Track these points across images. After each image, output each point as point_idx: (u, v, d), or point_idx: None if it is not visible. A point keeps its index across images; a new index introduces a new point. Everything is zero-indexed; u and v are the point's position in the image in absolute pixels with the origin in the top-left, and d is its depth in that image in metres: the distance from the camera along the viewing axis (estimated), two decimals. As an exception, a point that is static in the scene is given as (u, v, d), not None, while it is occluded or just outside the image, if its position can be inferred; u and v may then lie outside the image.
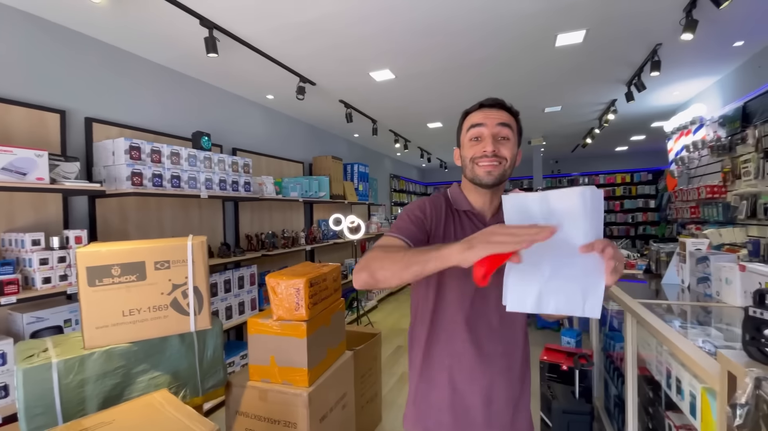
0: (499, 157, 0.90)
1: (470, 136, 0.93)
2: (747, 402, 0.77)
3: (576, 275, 0.67)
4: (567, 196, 0.66)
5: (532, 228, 0.63)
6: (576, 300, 0.68)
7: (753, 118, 3.07)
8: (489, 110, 0.93)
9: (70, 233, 2.03)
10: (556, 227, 0.64)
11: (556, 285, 0.69)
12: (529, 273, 0.71)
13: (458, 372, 0.95)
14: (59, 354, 1.24)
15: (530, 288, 0.71)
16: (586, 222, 0.65)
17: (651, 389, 1.62)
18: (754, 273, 1.43)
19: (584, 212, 0.65)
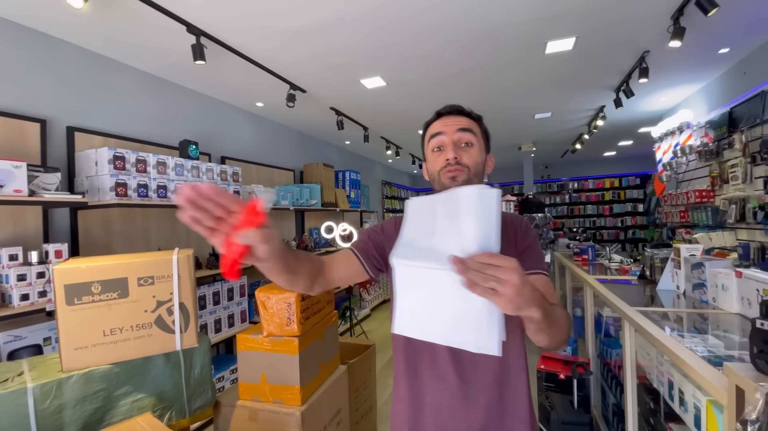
0: (461, 165, 0.84)
1: (432, 146, 0.88)
2: (758, 418, 0.74)
3: (463, 296, 0.54)
4: (452, 199, 0.59)
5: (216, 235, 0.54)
6: (466, 331, 0.58)
7: (739, 123, 3.12)
8: (447, 117, 0.89)
9: (50, 247, 1.95)
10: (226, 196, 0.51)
11: (439, 307, 0.60)
12: (413, 286, 0.63)
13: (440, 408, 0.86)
14: (35, 378, 1.16)
15: (414, 307, 0.63)
16: (470, 231, 0.56)
17: (651, 399, 1.59)
18: (750, 279, 1.42)
19: (468, 218, 0.57)
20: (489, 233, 0.56)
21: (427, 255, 0.60)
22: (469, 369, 0.84)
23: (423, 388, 0.87)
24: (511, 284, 0.51)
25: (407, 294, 0.64)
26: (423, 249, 0.61)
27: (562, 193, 9.65)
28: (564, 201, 9.61)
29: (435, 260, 0.57)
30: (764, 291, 1.34)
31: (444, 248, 0.57)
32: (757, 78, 2.95)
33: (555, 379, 2.17)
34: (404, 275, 0.64)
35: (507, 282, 0.52)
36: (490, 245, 0.56)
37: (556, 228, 9.16)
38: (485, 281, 0.52)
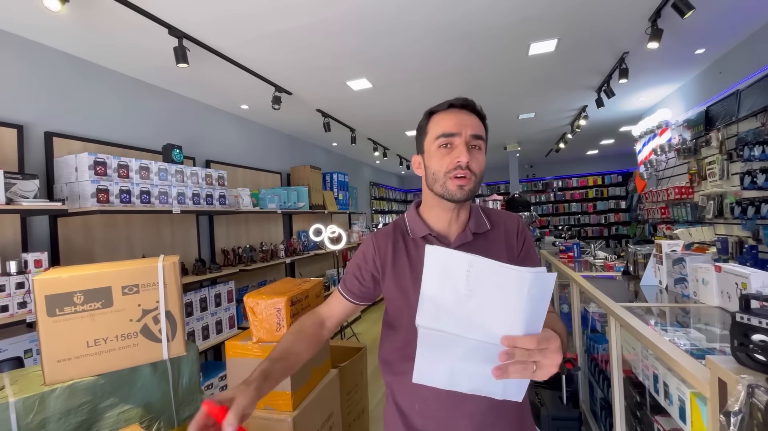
0: (471, 171, 0.79)
1: (440, 143, 0.81)
2: (740, 410, 0.77)
3: (495, 363, 0.55)
4: (500, 273, 0.54)
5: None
6: (495, 385, 0.59)
7: (716, 121, 3.21)
8: (460, 113, 0.82)
9: (29, 256, 1.89)
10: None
11: (471, 368, 0.59)
12: (438, 349, 0.59)
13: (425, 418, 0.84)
14: (17, 392, 1.13)
15: (441, 364, 0.60)
16: (518, 313, 0.54)
17: (637, 392, 1.63)
18: (729, 273, 1.47)
19: (517, 298, 0.53)
20: (538, 315, 0.55)
21: (460, 322, 0.57)
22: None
23: (412, 396, 0.85)
24: (553, 365, 0.53)
25: (431, 352, 0.60)
26: (453, 314, 0.57)
27: (547, 191, 9.80)
28: (549, 199, 9.76)
29: (470, 330, 0.56)
30: (743, 285, 1.39)
31: (481, 319, 0.55)
32: (732, 77, 3.05)
33: (544, 376, 2.19)
34: (429, 335, 0.59)
35: (550, 365, 0.53)
36: (536, 327, 0.55)
37: (541, 226, 9.30)
38: (526, 369, 0.53)
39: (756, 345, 0.81)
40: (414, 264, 0.86)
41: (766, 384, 0.76)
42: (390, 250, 0.89)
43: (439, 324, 0.57)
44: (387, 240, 0.90)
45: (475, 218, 0.89)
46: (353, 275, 0.93)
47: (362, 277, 0.92)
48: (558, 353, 0.54)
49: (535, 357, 0.53)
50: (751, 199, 2.75)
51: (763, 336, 0.80)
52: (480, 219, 0.90)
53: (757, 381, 0.76)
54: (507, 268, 0.54)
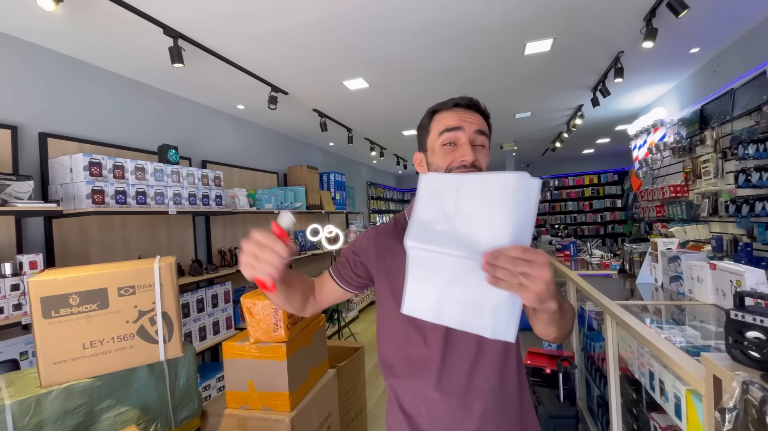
0: (477, 167, 0.78)
1: (443, 140, 0.80)
2: (735, 406, 0.77)
3: (484, 283, 0.53)
4: (485, 182, 0.54)
5: (265, 266, 0.65)
6: (483, 317, 0.57)
7: (710, 120, 3.24)
8: (465, 112, 0.81)
9: (23, 258, 1.88)
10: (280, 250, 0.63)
11: (458, 293, 0.57)
12: (427, 273, 0.58)
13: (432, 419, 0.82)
14: (13, 395, 1.12)
15: (429, 292, 0.59)
16: (503, 221, 0.52)
17: (633, 390, 1.64)
18: (724, 271, 1.48)
19: (502, 206, 0.52)
20: (524, 225, 0.53)
21: (448, 240, 0.55)
22: (465, 377, 0.80)
23: (417, 398, 0.83)
24: (542, 280, 0.51)
25: (420, 277, 0.59)
26: (442, 232, 0.57)
27: (543, 190, 9.83)
28: (545, 198, 9.79)
29: (457, 246, 0.54)
30: (737, 283, 1.40)
31: (470, 235, 0.54)
32: (726, 76, 3.07)
33: (541, 374, 2.21)
34: (418, 258, 0.59)
35: (538, 279, 0.50)
36: (523, 238, 0.53)
37: (538, 225, 9.33)
38: (513, 278, 0.51)
39: (750, 342, 0.81)
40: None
41: (761, 380, 0.76)
42: (389, 245, 0.88)
43: (428, 244, 0.56)
44: (387, 235, 0.90)
45: None
46: (346, 260, 0.93)
47: (354, 263, 0.91)
48: (546, 268, 0.51)
49: (521, 268, 0.50)
50: (746, 197, 2.76)
51: (757, 334, 0.81)
52: None
53: (752, 378, 0.76)
54: (491, 175, 0.53)
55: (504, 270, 0.51)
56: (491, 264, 0.51)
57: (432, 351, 0.81)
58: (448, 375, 0.81)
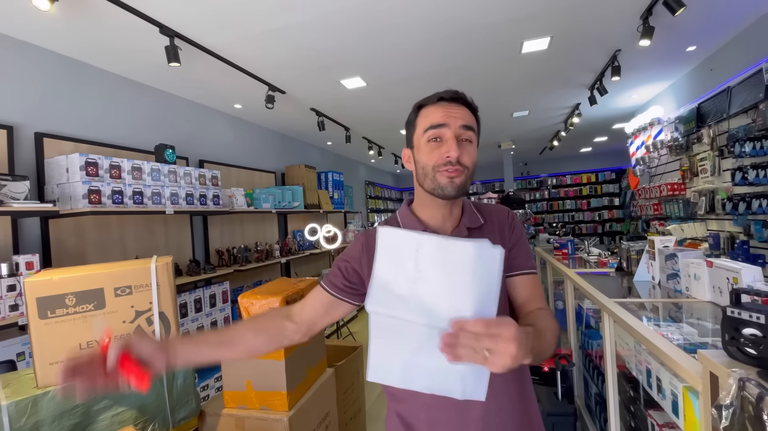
0: (462, 165, 0.77)
1: (429, 136, 0.78)
2: (732, 403, 0.77)
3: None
4: (446, 249, 0.52)
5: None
6: (453, 382, 0.55)
7: (707, 118, 3.24)
8: (450, 106, 0.79)
9: (20, 258, 1.87)
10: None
11: (425, 361, 0.55)
12: (391, 338, 0.56)
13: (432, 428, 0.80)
14: (9, 395, 1.12)
15: (394, 357, 0.57)
16: (466, 292, 0.51)
17: (631, 387, 1.64)
18: (721, 268, 1.48)
19: (463, 275, 0.51)
20: (488, 294, 0.51)
21: (410, 305, 0.54)
22: None
23: (415, 405, 0.82)
24: (507, 354, 0.49)
25: (383, 343, 0.57)
26: (403, 297, 0.55)
27: (541, 189, 9.85)
28: (543, 197, 9.81)
29: (420, 313, 0.52)
30: (734, 280, 1.40)
31: (431, 302, 0.52)
32: (723, 74, 3.08)
33: (539, 372, 2.21)
34: (380, 323, 0.56)
35: (503, 353, 0.49)
36: (487, 310, 0.51)
37: (536, 223, 9.34)
38: (476, 354, 0.49)
39: (747, 338, 0.81)
40: None
41: (757, 377, 0.76)
42: None
43: (389, 310, 0.54)
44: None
45: (468, 214, 0.87)
46: (338, 269, 0.88)
47: (347, 272, 0.86)
48: (512, 342, 0.49)
49: (485, 343, 0.48)
50: (742, 194, 2.78)
51: (753, 330, 0.81)
52: (473, 215, 0.88)
53: (748, 375, 0.76)
54: (451, 242, 0.51)
55: (465, 348, 0.49)
56: (451, 344, 0.49)
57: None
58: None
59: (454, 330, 0.50)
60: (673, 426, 1.31)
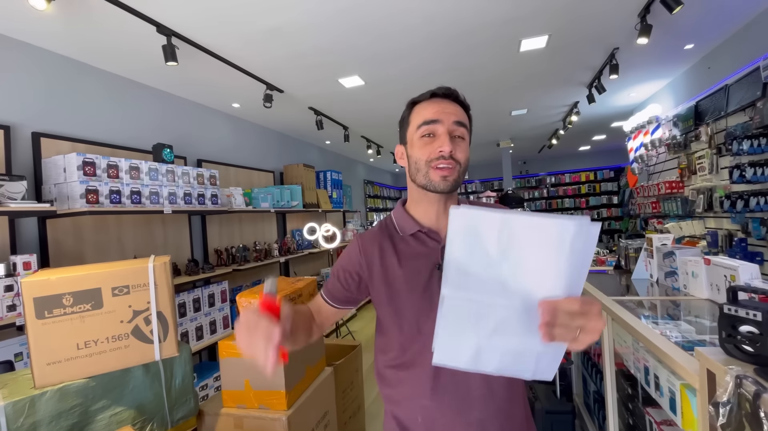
0: (454, 160, 0.78)
1: (422, 132, 0.80)
2: (729, 400, 0.77)
3: (532, 332, 0.50)
4: (540, 227, 0.49)
5: (262, 353, 0.57)
6: (526, 362, 0.55)
7: (705, 116, 3.25)
8: (443, 102, 0.81)
9: (17, 258, 1.87)
10: (281, 363, 0.56)
11: (501, 343, 0.54)
12: (466, 323, 0.54)
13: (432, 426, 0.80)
14: (6, 396, 1.11)
15: (466, 341, 0.55)
16: (558, 272, 0.49)
17: (629, 385, 1.64)
18: (718, 266, 1.49)
19: (558, 256, 0.48)
20: (579, 274, 0.49)
21: (491, 287, 0.52)
22: (459, 384, 0.79)
23: (412, 407, 0.82)
24: (597, 331, 0.49)
25: (455, 327, 0.55)
26: (484, 279, 0.52)
27: (540, 187, 9.86)
28: (542, 195, 9.81)
29: (502, 295, 0.51)
30: (731, 277, 1.40)
31: (516, 283, 0.50)
32: (721, 72, 3.08)
33: (538, 370, 2.21)
34: (455, 308, 0.54)
35: (594, 331, 0.49)
36: (578, 287, 0.50)
37: (535, 222, 9.32)
38: (570, 333, 0.49)
39: (744, 336, 0.81)
40: (404, 262, 0.83)
41: (754, 374, 0.77)
42: (377, 251, 0.85)
43: (468, 293, 0.52)
44: (373, 241, 0.87)
45: None
46: (336, 278, 0.89)
47: (345, 281, 0.87)
48: (601, 318, 0.50)
49: (578, 322, 0.48)
50: (740, 192, 2.78)
51: (750, 328, 0.81)
52: None
53: (745, 372, 0.77)
54: (546, 220, 0.48)
55: (560, 327, 0.49)
56: (549, 324, 0.49)
57: (425, 359, 0.78)
58: (443, 384, 0.78)
59: (548, 309, 0.48)
60: (670, 424, 1.31)
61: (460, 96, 0.84)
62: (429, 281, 0.80)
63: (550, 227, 0.48)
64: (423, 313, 0.79)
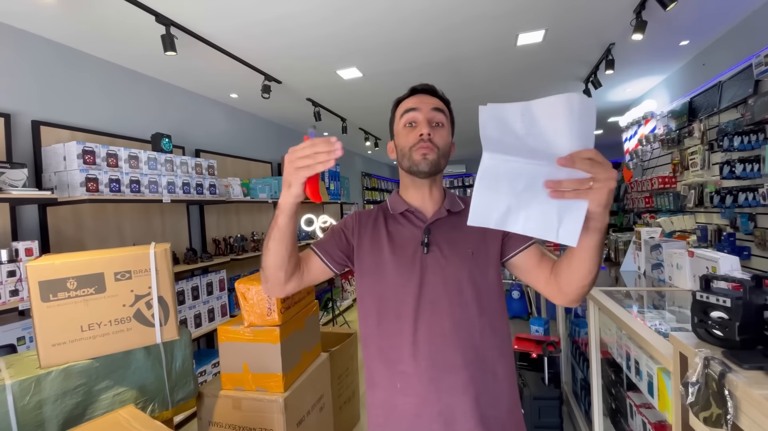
0: (433, 143, 0.85)
1: (404, 121, 0.89)
2: (697, 380, 0.83)
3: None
4: (551, 104, 0.58)
5: (326, 143, 0.64)
6: (550, 222, 0.61)
7: (699, 112, 3.29)
8: (422, 95, 0.91)
9: (19, 245, 1.90)
10: (339, 147, 0.64)
11: (529, 201, 0.61)
12: (500, 183, 0.62)
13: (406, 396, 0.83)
14: (13, 375, 1.16)
15: (498, 201, 0.62)
16: (572, 133, 0.58)
17: (613, 371, 1.71)
18: (701, 258, 1.54)
19: (570, 120, 0.58)
20: (589, 136, 0.59)
21: (523, 152, 0.60)
22: (438, 352, 0.82)
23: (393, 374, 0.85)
24: (612, 179, 0.56)
25: (491, 188, 0.62)
26: (517, 147, 0.60)
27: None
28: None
29: (534, 156, 0.59)
30: (713, 269, 1.46)
31: (544, 148, 0.59)
32: (715, 69, 3.12)
33: (527, 358, 2.28)
34: (490, 169, 0.61)
35: (609, 179, 0.56)
36: (590, 145, 0.59)
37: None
38: (583, 184, 0.56)
39: (714, 321, 0.87)
40: (393, 236, 0.90)
41: (722, 356, 0.82)
42: (371, 223, 0.94)
43: (506, 155, 0.60)
44: (369, 215, 0.96)
45: (450, 199, 0.94)
46: (330, 234, 0.96)
47: (339, 238, 0.94)
48: (613, 171, 0.56)
49: (596, 169, 0.56)
50: (730, 188, 2.83)
51: (720, 313, 0.86)
52: (455, 201, 0.94)
53: (714, 354, 0.82)
54: (554, 97, 0.58)
55: (572, 182, 0.57)
56: (567, 161, 0.56)
57: (403, 326, 0.83)
58: (421, 351, 0.82)
59: (568, 159, 0.56)
60: (648, 407, 1.38)
61: (439, 91, 0.93)
62: (413, 255, 0.87)
63: (558, 100, 0.58)
64: (402, 283, 0.85)
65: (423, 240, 0.87)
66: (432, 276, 0.85)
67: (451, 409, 0.81)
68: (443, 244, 0.87)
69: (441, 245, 0.87)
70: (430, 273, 0.85)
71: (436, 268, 0.85)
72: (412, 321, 0.83)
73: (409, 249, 0.88)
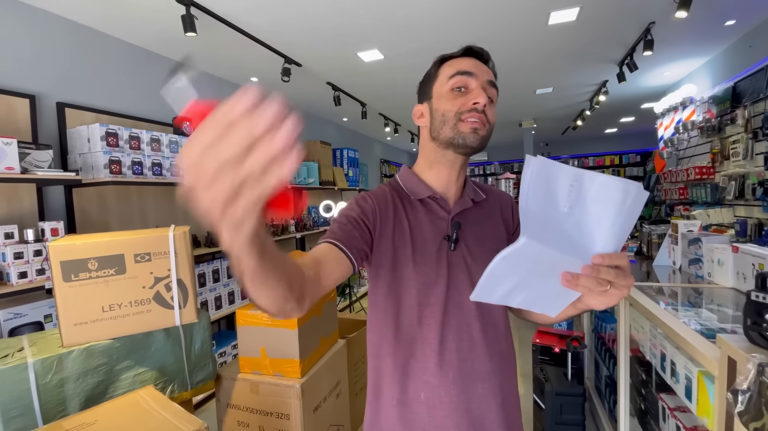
0: (486, 117, 0.72)
1: (453, 84, 0.73)
2: (749, 388, 0.75)
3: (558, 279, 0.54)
4: (605, 186, 0.51)
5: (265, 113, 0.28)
6: (545, 300, 0.59)
7: (743, 98, 3.06)
8: (478, 61, 0.76)
9: (45, 225, 1.94)
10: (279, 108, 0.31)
11: (538, 282, 0.57)
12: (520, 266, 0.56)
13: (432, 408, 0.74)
14: (35, 354, 1.18)
15: (509, 280, 0.58)
16: (614, 227, 0.52)
17: (643, 371, 1.63)
18: (747, 254, 1.43)
19: (618, 212, 0.51)
20: (629, 229, 0.54)
21: (560, 236, 0.54)
22: (466, 359, 0.74)
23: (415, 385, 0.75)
24: (627, 288, 0.51)
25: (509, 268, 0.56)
26: (553, 227, 0.54)
27: (561, 170, 9.61)
28: (563, 178, 9.57)
29: (566, 247, 0.53)
30: (760, 266, 1.35)
31: (576, 237, 0.53)
32: (763, 51, 2.88)
33: (550, 352, 2.21)
34: (520, 252, 0.53)
35: (624, 287, 0.50)
36: (621, 246, 0.53)
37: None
38: (599, 285, 0.50)
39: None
40: (414, 227, 0.77)
41: (778, 363, 0.74)
42: (391, 210, 0.77)
43: (541, 246, 0.52)
44: (385, 198, 0.79)
45: (470, 186, 0.83)
46: (348, 221, 0.74)
47: (362, 230, 0.74)
48: (631, 278, 0.51)
49: (619, 278, 0.50)
50: (775, 179, 2.64)
51: (778, 316, 0.78)
52: (475, 190, 0.84)
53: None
54: (614, 180, 0.51)
55: (590, 280, 0.50)
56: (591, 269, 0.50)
57: (428, 333, 0.74)
58: (447, 359, 0.74)
59: (598, 262, 0.50)
60: (684, 410, 1.30)
61: (491, 63, 0.78)
62: (438, 252, 0.75)
63: (617, 186, 0.51)
64: (428, 284, 0.74)
65: (451, 236, 0.76)
66: (459, 276, 0.75)
67: (481, 421, 0.74)
68: (470, 240, 0.78)
69: (468, 241, 0.77)
70: (456, 273, 0.75)
71: (463, 267, 0.75)
72: (438, 326, 0.73)
73: (433, 244, 0.76)
